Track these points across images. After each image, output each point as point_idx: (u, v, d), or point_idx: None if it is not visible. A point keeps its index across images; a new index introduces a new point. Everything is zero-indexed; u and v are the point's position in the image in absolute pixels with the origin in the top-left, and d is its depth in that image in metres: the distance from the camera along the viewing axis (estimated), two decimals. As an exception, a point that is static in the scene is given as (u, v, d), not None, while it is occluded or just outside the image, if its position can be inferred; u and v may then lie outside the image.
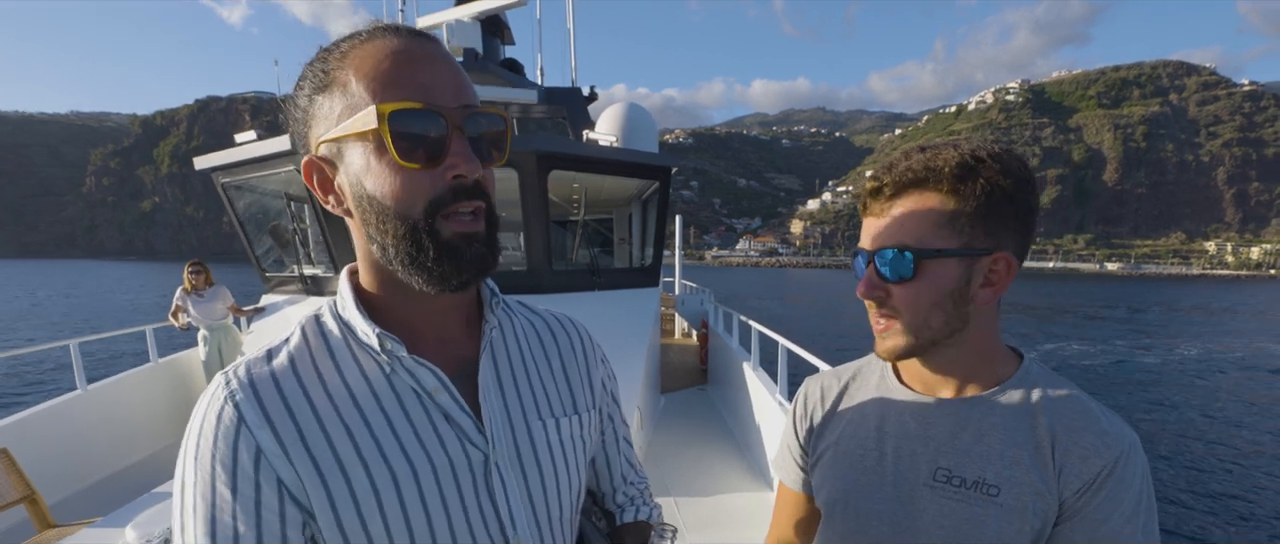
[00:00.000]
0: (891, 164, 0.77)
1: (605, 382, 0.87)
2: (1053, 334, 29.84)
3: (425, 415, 0.64)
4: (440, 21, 6.34)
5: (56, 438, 4.65)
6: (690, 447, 5.34)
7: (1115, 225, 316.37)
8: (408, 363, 0.63)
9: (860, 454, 0.87)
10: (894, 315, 0.78)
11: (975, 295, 0.76)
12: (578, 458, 0.76)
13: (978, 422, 0.80)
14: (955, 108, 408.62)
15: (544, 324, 0.83)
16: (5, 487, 3.38)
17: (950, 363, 0.82)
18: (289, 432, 0.58)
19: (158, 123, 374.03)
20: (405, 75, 0.57)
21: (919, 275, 0.74)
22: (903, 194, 0.76)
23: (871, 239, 0.78)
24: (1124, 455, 0.73)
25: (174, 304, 5.89)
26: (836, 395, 0.96)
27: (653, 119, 7.26)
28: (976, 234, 0.73)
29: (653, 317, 5.72)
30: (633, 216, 7.32)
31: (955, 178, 0.72)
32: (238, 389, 0.59)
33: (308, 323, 0.67)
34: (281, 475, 0.57)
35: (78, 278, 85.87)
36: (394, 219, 0.58)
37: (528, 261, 5.19)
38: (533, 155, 4.87)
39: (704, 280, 15.48)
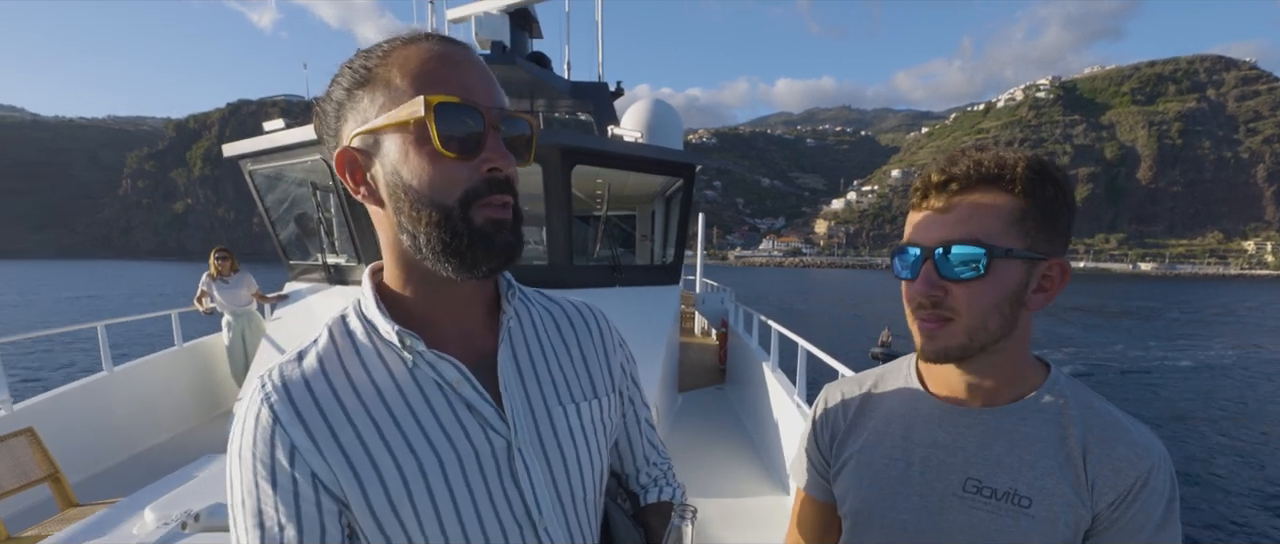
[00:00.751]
0: (954, 159, 0.74)
1: (624, 365, 0.88)
2: (1082, 335, 29.13)
3: (448, 406, 0.67)
4: (469, 14, 6.34)
5: (81, 418, 4.67)
6: (706, 446, 5.25)
7: (1149, 224, 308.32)
8: (428, 357, 0.66)
9: (886, 463, 0.86)
10: (950, 317, 0.75)
11: (1029, 300, 0.75)
12: (599, 441, 0.77)
13: (1009, 432, 0.79)
14: (984, 105, 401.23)
15: (561, 311, 0.84)
16: (30, 465, 3.38)
17: (984, 371, 0.80)
18: (320, 428, 0.62)
19: (191, 126, 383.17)
20: (448, 74, 0.61)
21: (988, 274, 0.72)
22: (972, 189, 0.73)
23: (932, 234, 0.75)
24: (1155, 467, 0.73)
25: (199, 289, 5.93)
26: (859, 403, 0.94)
27: (678, 116, 7.22)
28: (1039, 238, 0.72)
29: (672, 315, 5.65)
30: (655, 213, 7.26)
31: (1028, 178, 0.71)
32: (272, 391, 0.63)
33: (335, 324, 0.71)
34: (315, 470, 0.61)
35: (113, 278, 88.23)
36: (429, 206, 0.61)
37: (549, 256, 5.16)
38: (557, 150, 4.82)
39: (726, 280, 15.34)
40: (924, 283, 0.74)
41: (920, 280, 0.75)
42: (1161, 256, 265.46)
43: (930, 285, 0.74)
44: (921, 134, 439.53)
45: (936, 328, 0.76)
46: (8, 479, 3.20)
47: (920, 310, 0.76)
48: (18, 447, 3.35)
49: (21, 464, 3.32)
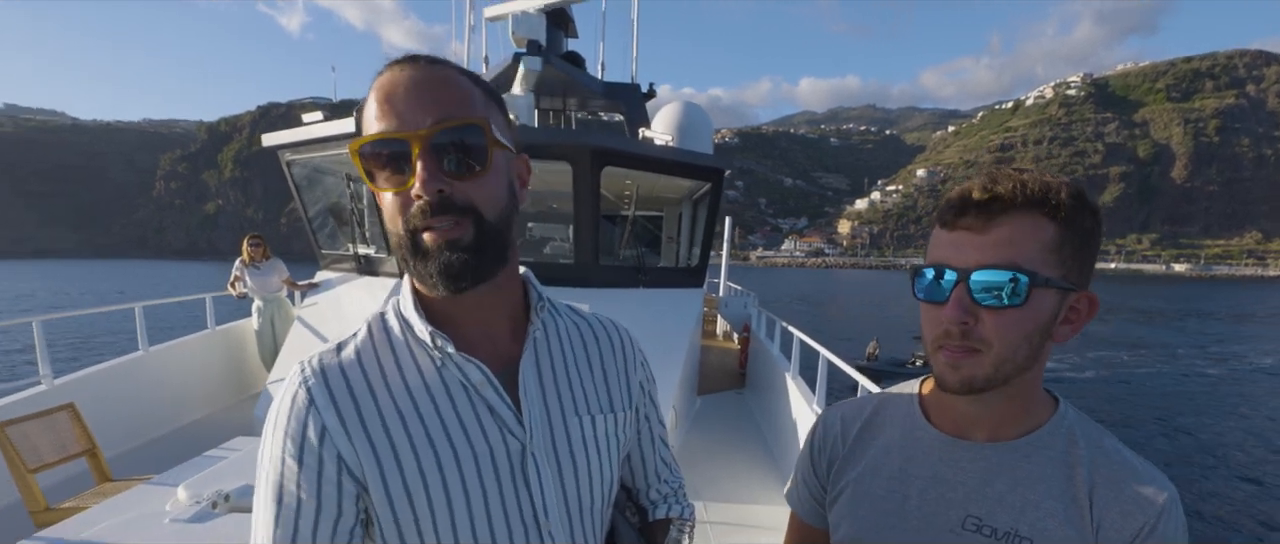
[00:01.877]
0: (996, 177, 0.69)
1: (644, 383, 0.91)
2: (1119, 338, 28.49)
3: (470, 407, 0.70)
4: (506, 12, 6.41)
5: (117, 395, 4.80)
6: (722, 451, 5.23)
7: (1183, 225, 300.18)
8: (456, 359, 0.70)
9: (883, 495, 0.84)
10: (978, 347, 0.70)
11: (1056, 332, 0.72)
12: (611, 454, 0.80)
13: (1011, 469, 0.76)
14: (1012, 104, 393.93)
15: (588, 326, 0.87)
16: (70, 439, 3.47)
17: (993, 403, 0.76)
18: (351, 414, 0.66)
19: (222, 129, 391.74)
20: (383, 107, 0.63)
21: (1025, 303, 0.67)
22: (1014, 211, 0.68)
23: (968, 256, 0.69)
24: (1165, 511, 0.70)
25: (233, 274, 6.07)
26: (858, 429, 0.91)
27: (709, 119, 7.25)
28: (1073, 267, 0.69)
29: (695, 318, 5.65)
30: (682, 216, 7.25)
31: (1072, 205, 0.68)
32: (311, 375, 0.68)
33: (374, 320, 0.75)
34: (341, 451, 0.65)
35: (145, 277, 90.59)
36: (391, 232, 0.67)
37: (575, 255, 5.20)
38: (588, 151, 4.84)
39: (747, 281, 15.28)
40: (956, 308, 0.69)
41: (951, 305, 0.70)
42: (1196, 257, 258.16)
43: (962, 311, 0.69)
44: (948, 133, 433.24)
45: (963, 357, 0.71)
46: (48, 452, 3.30)
47: (947, 338, 0.72)
48: (59, 421, 3.44)
49: (62, 438, 3.41)
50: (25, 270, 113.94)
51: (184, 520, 2.16)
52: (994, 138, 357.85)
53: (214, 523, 2.16)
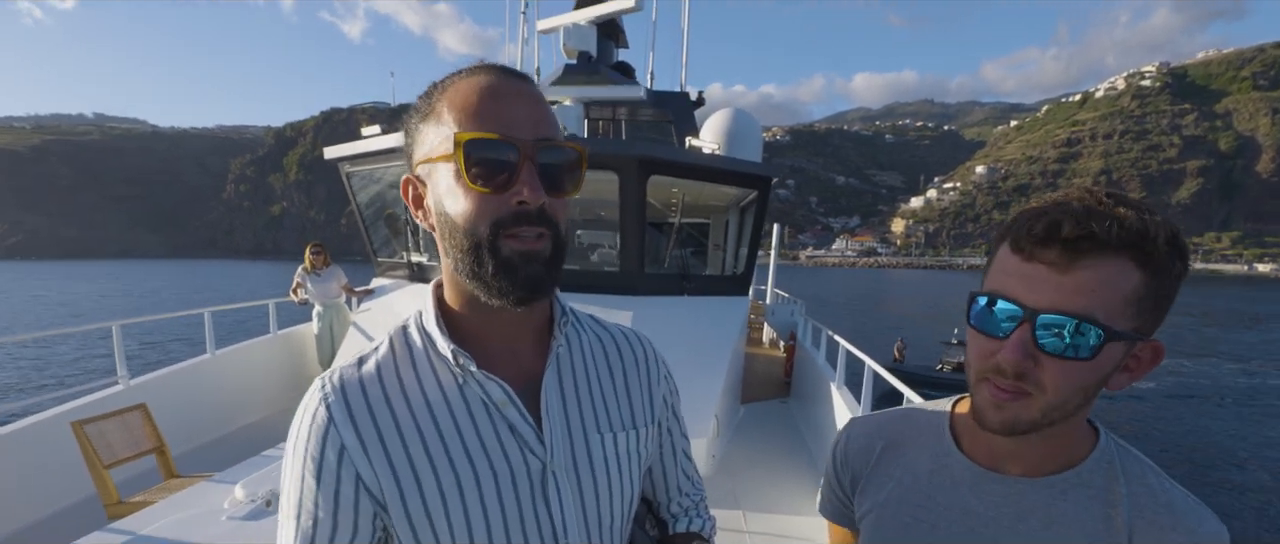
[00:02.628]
0: (1089, 209, 0.61)
1: (667, 397, 0.90)
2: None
3: (491, 425, 0.70)
4: (558, 25, 6.53)
5: (186, 396, 5.08)
6: (766, 460, 5.15)
7: (1269, 222, 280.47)
8: (478, 376, 0.69)
9: (909, 523, 0.80)
10: (1032, 391, 0.64)
11: (1113, 380, 0.67)
12: (633, 470, 0.80)
13: (1046, 507, 0.72)
14: (1080, 96, 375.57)
15: (611, 340, 0.86)
16: (141, 438, 3.69)
17: (1033, 438, 0.70)
18: (370, 433, 0.66)
19: (288, 134, 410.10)
20: (488, 109, 0.64)
21: (1094, 358, 0.62)
22: (1104, 253, 0.60)
23: (1042, 295, 0.62)
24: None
25: (294, 281, 6.33)
26: (882, 449, 0.87)
27: (758, 126, 7.25)
28: (1149, 318, 0.63)
29: (739, 326, 5.61)
30: (729, 223, 7.23)
31: (1167, 253, 0.61)
32: (330, 392, 0.68)
33: (396, 334, 0.75)
34: (360, 471, 0.65)
35: (218, 275, 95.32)
36: (462, 235, 0.65)
37: (621, 263, 5.23)
38: (635, 160, 4.87)
39: (795, 281, 15.09)
40: (1016, 350, 0.63)
41: (1012, 346, 0.63)
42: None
43: (1024, 354, 0.63)
44: (1010, 128, 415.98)
45: (1011, 399, 0.65)
46: (122, 449, 3.52)
47: (997, 375, 0.66)
48: (132, 421, 3.67)
49: (134, 436, 3.64)
50: (112, 270, 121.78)
51: (239, 518, 2.34)
52: (1059, 132, 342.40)
53: (266, 521, 2.33)
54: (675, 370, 4.78)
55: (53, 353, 17.04)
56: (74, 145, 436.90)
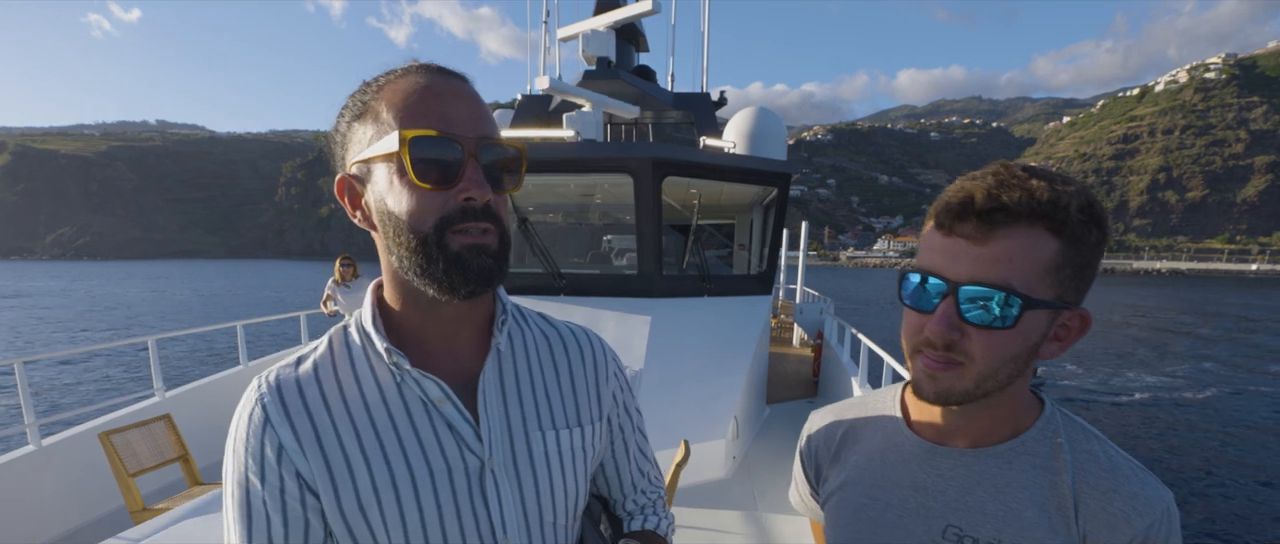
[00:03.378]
0: (1001, 180, 0.63)
1: (616, 394, 0.89)
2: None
3: (429, 423, 0.70)
4: (577, 32, 6.53)
5: (213, 407, 5.23)
6: (788, 461, 5.04)
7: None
8: (414, 375, 0.69)
9: (864, 503, 0.82)
10: (962, 361, 0.67)
11: (1043, 349, 0.68)
12: (577, 468, 0.79)
13: (993, 477, 0.73)
14: (1139, 89, 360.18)
15: (558, 336, 0.86)
16: (165, 446, 3.80)
17: (976, 411, 0.73)
18: (306, 431, 0.66)
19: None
20: (429, 107, 0.64)
21: (1016, 325, 0.64)
22: (1018, 223, 0.62)
23: (962, 268, 0.64)
24: (1156, 524, 0.67)
25: (325, 293, 6.46)
26: (841, 437, 0.90)
27: (782, 124, 7.08)
28: (1071, 286, 0.65)
29: (761, 325, 5.48)
30: (754, 222, 7.13)
31: (1080, 221, 0.62)
32: (267, 392, 0.68)
33: (336, 333, 0.75)
34: (299, 469, 0.66)
35: (271, 274, 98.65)
36: (408, 232, 0.65)
37: (638, 266, 5.19)
38: (649, 162, 4.85)
39: (835, 282, 14.83)
40: (941, 323, 0.66)
41: (937, 319, 0.66)
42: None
43: (948, 326, 0.65)
44: (1062, 124, 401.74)
45: (943, 369, 0.68)
46: (147, 458, 3.64)
47: (928, 348, 0.68)
48: (156, 430, 3.79)
49: (159, 445, 3.76)
50: (172, 270, 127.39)
51: None
52: (1116, 128, 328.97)
53: None
54: (694, 372, 4.59)
55: (107, 363, 17.83)
56: (138, 151, 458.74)
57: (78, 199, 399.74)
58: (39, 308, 41.90)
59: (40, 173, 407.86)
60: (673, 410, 3.90)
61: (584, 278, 5.36)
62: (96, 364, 17.38)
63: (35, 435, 3.89)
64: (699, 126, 7.17)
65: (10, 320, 34.18)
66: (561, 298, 5.13)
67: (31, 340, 25.99)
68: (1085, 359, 21.69)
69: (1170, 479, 10.43)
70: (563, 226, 7.55)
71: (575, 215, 6.96)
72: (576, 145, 5.09)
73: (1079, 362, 21.37)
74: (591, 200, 6.39)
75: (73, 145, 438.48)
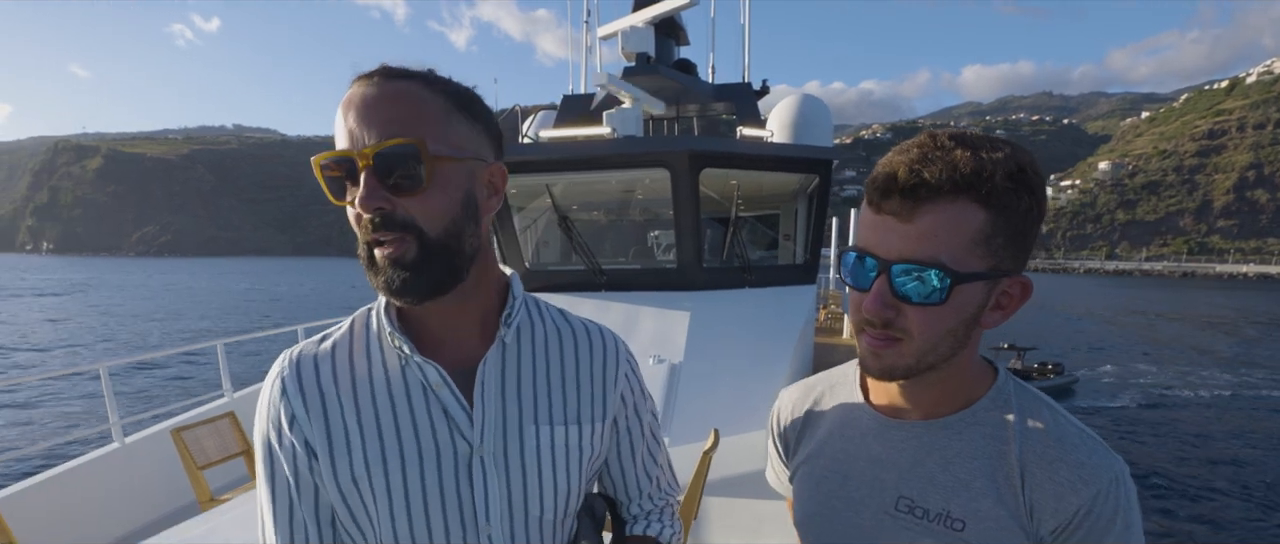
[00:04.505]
0: (924, 154, 0.63)
1: (626, 396, 0.89)
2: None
3: (426, 406, 0.73)
4: (616, 30, 6.59)
5: None
6: None
7: None
8: (416, 359, 0.73)
9: (824, 475, 0.83)
10: (900, 337, 0.67)
11: (985, 319, 0.69)
12: (572, 466, 0.79)
13: (942, 448, 0.74)
14: (1227, 82, 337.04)
15: (571, 333, 0.86)
16: (230, 441, 4.08)
17: (926, 382, 0.74)
18: (315, 404, 0.72)
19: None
20: (341, 124, 0.66)
21: (947, 301, 0.64)
22: (941, 197, 0.62)
23: (890, 246, 0.65)
24: (1103, 493, 0.67)
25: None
26: (805, 411, 0.91)
27: (827, 111, 6.97)
28: (1006, 255, 0.65)
29: (805, 316, 5.39)
30: (798, 212, 7.06)
31: (1007, 189, 0.61)
32: (287, 367, 0.74)
33: (360, 315, 0.79)
34: (307, 437, 0.71)
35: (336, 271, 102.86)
36: (358, 242, 0.69)
37: (677, 259, 5.21)
38: (685, 154, 4.86)
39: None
40: (876, 302, 0.66)
41: (872, 297, 0.67)
42: None
43: (882, 304, 0.66)
44: (1141, 119, 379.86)
45: (884, 346, 0.69)
46: (214, 452, 3.92)
47: (868, 326, 0.69)
48: (222, 427, 4.08)
49: (224, 440, 4.04)
50: (244, 267, 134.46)
51: None
52: (1200, 124, 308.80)
53: None
54: (734, 364, 4.50)
55: (186, 365, 18.96)
56: (216, 154, 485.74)
57: (161, 199, 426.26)
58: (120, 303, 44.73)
59: (129, 175, 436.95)
60: (712, 402, 3.90)
61: (625, 273, 5.41)
62: (170, 366, 18.54)
63: (119, 434, 4.24)
64: (739, 117, 7.13)
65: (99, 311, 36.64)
66: (603, 293, 5.18)
67: (112, 337, 27.84)
68: (1157, 360, 20.55)
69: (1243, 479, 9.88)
70: (604, 223, 7.64)
71: (616, 212, 7.04)
72: (613, 141, 5.15)
73: (1154, 361, 20.30)
74: (633, 197, 6.45)
75: (158, 149, 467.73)
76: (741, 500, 3.42)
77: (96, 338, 26.85)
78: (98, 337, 27.45)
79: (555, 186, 5.39)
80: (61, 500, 3.82)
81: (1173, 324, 35.32)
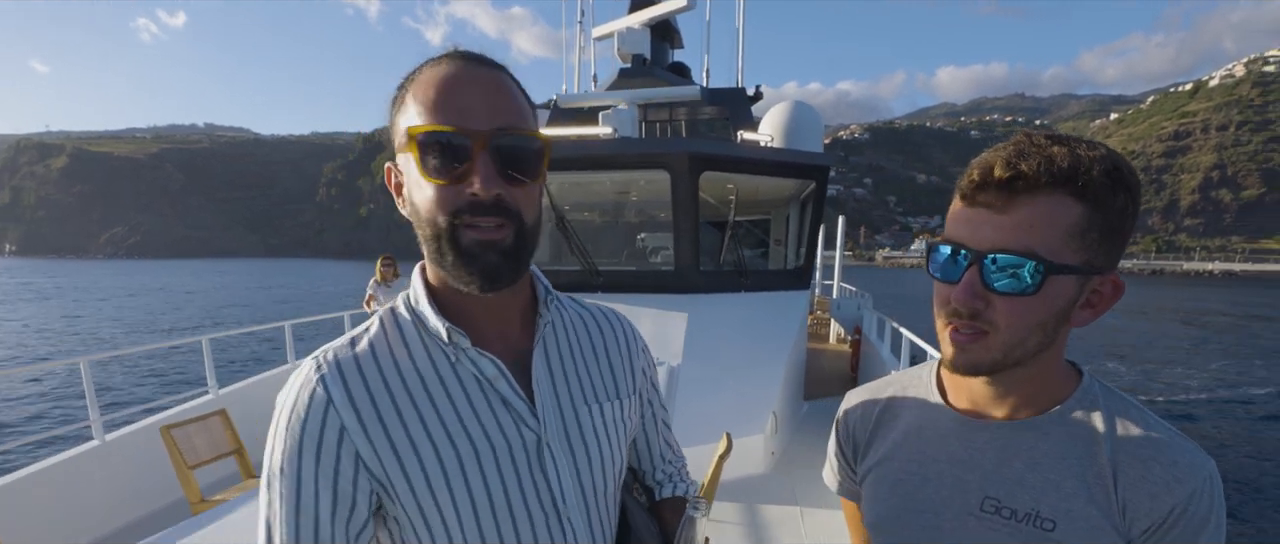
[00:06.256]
0: (1022, 150, 0.63)
1: (645, 370, 0.93)
2: None
3: (486, 401, 0.72)
4: (612, 31, 6.55)
5: (265, 404, 5.37)
6: (826, 457, 5.00)
7: None
8: (471, 354, 0.71)
9: (902, 478, 0.82)
10: (988, 330, 0.67)
11: (1075, 317, 0.69)
12: (619, 438, 0.83)
13: (1029, 448, 0.73)
14: (1191, 85, 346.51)
15: (592, 318, 0.90)
16: (221, 440, 3.93)
17: (1010, 382, 0.73)
18: (370, 415, 0.67)
19: (376, 139, 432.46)
20: (444, 99, 0.64)
21: (1039, 292, 0.64)
22: (1038, 190, 0.62)
23: (984, 236, 0.65)
24: (1198, 492, 0.66)
25: (368, 292, 6.61)
26: (879, 413, 0.91)
27: (819, 117, 6.99)
28: (1099, 251, 0.65)
29: (798, 320, 5.41)
30: (790, 217, 7.08)
31: (1103, 185, 0.62)
32: (329, 372, 0.68)
33: (386, 315, 0.76)
34: (360, 451, 0.66)
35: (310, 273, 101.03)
36: (425, 224, 0.67)
37: (675, 262, 5.17)
38: (685, 157, 4.83)
39: (867, 283, 14.61)
40: (965, 292, 0.66)
41: (961, 287, 0.67)
42: None
43: (972, 295, 0.66)
44: (1109, 120, 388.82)
45: (970, 340, 0.69)
46: (204, 451, 3.77)
47: (955, 318, 0.69)
48: (213, 425, 3.92)
49: (215, 439, 3.89)
50: (213, 268, 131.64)
51: None
52: (1166, 125, 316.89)
53: None
54: (732, 367, 4.52)
55: (168, 361, 18.54)
56: (186, 153, 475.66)
57: (129, 199, 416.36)
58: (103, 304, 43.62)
59: (96, 174, 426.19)
60: (711, 405, 3.87)
61: (622, 275, 5.36)
62: (152, 363, 18.09)
63: (99, 430, 4.06)
64: (734, 121, 7.13)
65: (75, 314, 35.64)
66: (598, 295, 5.13)
67: (84, 335, 27.08)
68: (1126, 359, 20.98)
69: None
70: (599, 224, 7.57)
71: (611, 213, 6.99)
72: (613, 141, 5.11)
73: (1121, 359, 20.72)
74: (628, 198, 6.40)
75: (126, 148, 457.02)
76: (743, 505, 3.39)
77: (74, 336, 26.17)
78: (74, 334, 26.75)
79: (551, 185, 5.31)
80: (39, 499, 3.66)
81: (1140, 321, 36.03)
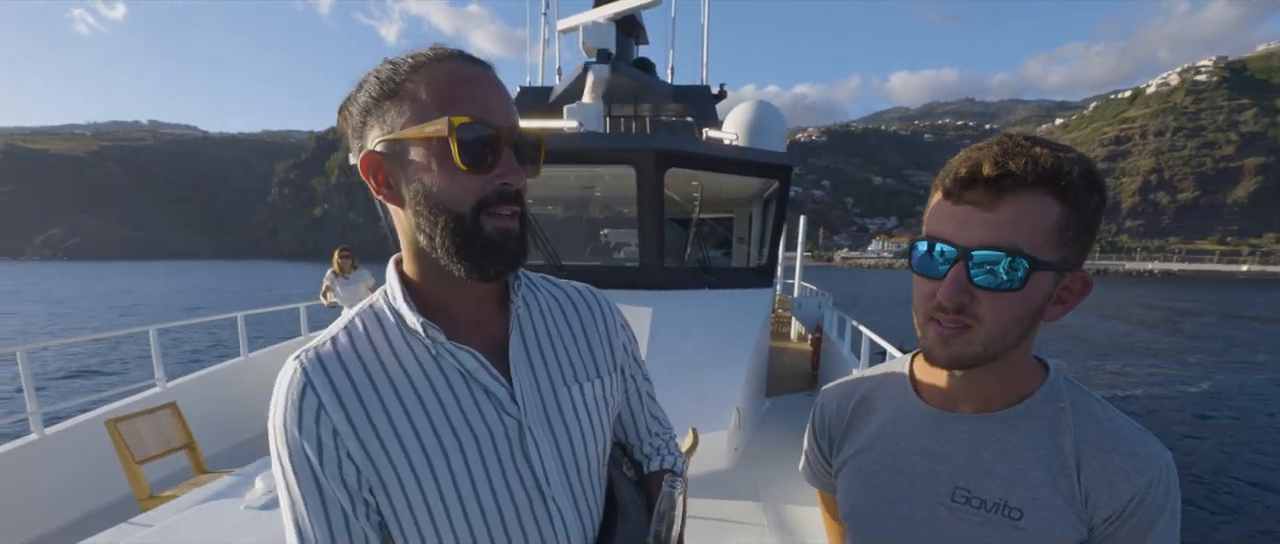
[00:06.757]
0: (1008, 150, 0.66)
1: (626, 345, 0.94)
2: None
3: (468, 392, 0.73)
4: (577, 24, 6.50)
5: (217, 397, 5.20)
6: (787, 452, 5.05)
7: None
8: (450, 347, 0.73)
9: (877, 469, 0.85)
10: (972, 324, 0.70)
11: (1048, 312, 0.72)
12: (602, 417, 0.84)
13: (998, 440, 0.77)
14: (1130, 92, 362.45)
15: (567, 297, 0.91)
16: (171, 434, 3.79)
17: (981, 376, 0.77)
18: (359, 415, 0.69)
19: (329, 137, 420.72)
20: (469, 94, 0.68)
21: (1023, 287, 0.67)
22: (1023, 189, 0.65)
23: (971, 234, 0.68)
24: (1155, 481, 0.70)
25: (324, 284, 6.45)
26: (852, 407, 0.93)
27: (782, 117, 7.07)
28: (1073, 249, 0.68)
29: (762, 318, 5.50)
30: (753, 216, 7.15)
31: (1082, 186, 0.66)
32: (315, 374, 0.69)
33: (364, 312, 0.77)
34: (351, 451, 0.69)
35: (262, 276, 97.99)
36: (444, 213, 0.68)
37: (641, 258, 5.18)
38: (651, 153, 4.86)
39: (830, 283, 14.86)
40: (952, 287, 0.68)
41: (948, 283, 0.69)
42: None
43: (959, 290, 0.68)
44: (1054, 126, 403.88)
45: (955, 334, 0.71)
46: (153, 445, 3.62)
47: (940, 313, 0.71)
48: (163, 418, 3.77)
49: (165, 433, 3.74)
50: (161, 271, 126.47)
51: (257, 507, 2.51)
52: (1108, 130, 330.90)
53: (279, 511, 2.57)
54: (696, 363, 4.54)
55: (112, 353, 17.72)
56: (129, 151, 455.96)
57: (68, 199, 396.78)
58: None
59: (30, 172, 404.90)
60: (675, 401, 3.87)
61: (586, 270, 5.35)
62: (98, 355, 17.28)
63: (38, 424, 3.87)
64: (699, 119, 7.17)
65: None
66: None
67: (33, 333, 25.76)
68: (1075, 356, 21.81)
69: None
70: (562, 218, 7.50)
71: (576, 208, 6.96)
72: (579, 136, 5.08)
73: (1068, 357, 21.52)
74: (592, 193, 6.38)
75: (64, 145, 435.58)
76: (707, 500, 3.43)
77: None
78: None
79: None
80: None
81: (1092, 317, 37.49)
